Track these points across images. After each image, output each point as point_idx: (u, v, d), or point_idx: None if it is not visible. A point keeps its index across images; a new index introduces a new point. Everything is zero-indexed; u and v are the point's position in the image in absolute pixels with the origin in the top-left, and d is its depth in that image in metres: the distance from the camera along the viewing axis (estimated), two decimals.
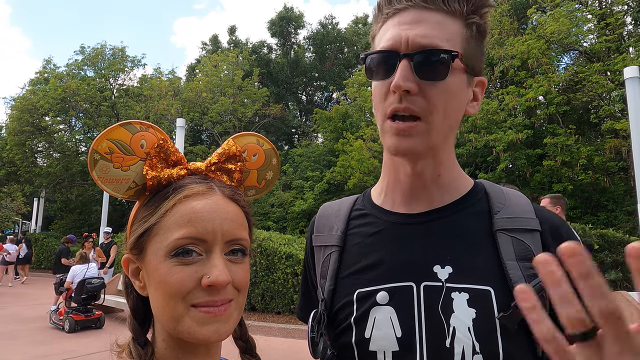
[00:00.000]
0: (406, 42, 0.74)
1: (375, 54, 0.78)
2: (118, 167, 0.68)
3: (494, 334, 0.70)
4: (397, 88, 0.72)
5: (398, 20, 0.76)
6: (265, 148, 0.82)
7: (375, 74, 0.78)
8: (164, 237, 0.64)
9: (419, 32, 0.74)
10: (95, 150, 0.66)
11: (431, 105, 0.73)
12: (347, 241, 0.87)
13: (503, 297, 0.71)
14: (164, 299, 0.64)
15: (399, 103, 0.73)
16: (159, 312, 0.66)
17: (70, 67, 21.33)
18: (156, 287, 0.65)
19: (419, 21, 0.75)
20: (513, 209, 0.79)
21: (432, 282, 0.75)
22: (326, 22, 27.79)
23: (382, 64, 0.77)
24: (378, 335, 0.75)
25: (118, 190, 0.70)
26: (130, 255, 0.69)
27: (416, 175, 0.81)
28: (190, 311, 0.63)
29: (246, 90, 19.67)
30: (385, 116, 0.76)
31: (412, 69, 0.73)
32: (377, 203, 0.89)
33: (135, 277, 0.70)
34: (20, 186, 21.19)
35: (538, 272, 0.40)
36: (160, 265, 0.64)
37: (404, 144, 0.75)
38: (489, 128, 12.48)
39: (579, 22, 12.61)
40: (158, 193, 0.69)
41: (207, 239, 0.64)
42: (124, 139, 0.68)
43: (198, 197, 0.67)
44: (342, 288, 0.83)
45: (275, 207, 16.46)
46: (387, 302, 0.76)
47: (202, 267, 0.64)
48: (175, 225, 0.64)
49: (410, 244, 0.80)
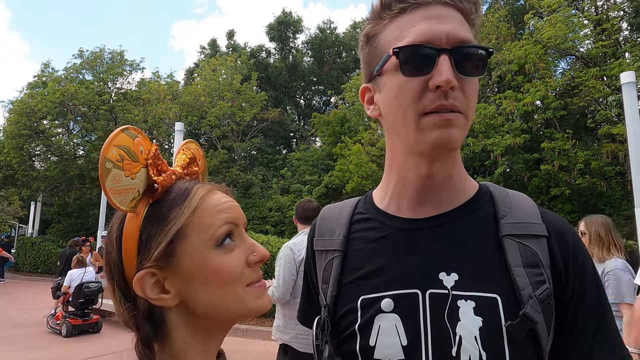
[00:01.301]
0: (445, 37, 0.70)
1: (412, 47, 0.71)
2: (128, 175, 0.66)
3: (501, 342, 0.69)
4: (447, 84, 0.68)
5: (423, 16, 0.72)
6: (202, 154, 0.86)
7: (409, 70, 0.71)
8: (203, 232, 0.67)
9: (454, 27, 0.71)
10: (107, 159, 0.63)
11: (469, 100, 0.72)
12: (349, 246, 0.85)
13: (510, 305, 0.70)
14: (223, 286, 0.67)
15: (444, 100, 0.69)
16: (217, 302, 0.67)
17: (69, 70, 21.30)
18: (209, 282, 0.66)
19: (447, 17, 0.72)
20: (519, 213, 0.78)
21: (438, 290, 0.73)
22: (324, 26, 27.90)
23: (418, 59, 0.71)
24: (383, 343, 0.74)
25: (124, 202, 0.66)
26: (154, 269, 0.66)
27: (430, 177, 0.79)
28: (247, 291, 0.69)
29: (244, 94, 19.68)
30: (421, 114, 0.71)
31: (452, 64, 0.70)
32: (381, 207, 0.87)
33: (159, 292, 0.67)
34: (17, 190, 21.10)
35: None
36: (210, 259, 0.66)
37: (447, 134, 0.70)
38: (486, 132, 12.52)
39: (575, 28, 12.68)
40: (163, 199, 0.69)
41: (239, 223, 0.71)
42: (128, 144, 0.67)
43: (213, 192, 0.72)
44: (345, 294, 0.81)
45: (273, 211, 16.44)
46: (392, 309, 0.75)
47: (242, 249, 0.70)
48: (210, 217, 0.68)
49: (416, 250, 0.78)
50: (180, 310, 0.68)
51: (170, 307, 0.68)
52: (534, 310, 0.68)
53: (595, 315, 0.74)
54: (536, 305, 0.69)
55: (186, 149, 0.81)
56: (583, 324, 0.73)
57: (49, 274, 17.44)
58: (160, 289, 0.67)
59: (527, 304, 0.69)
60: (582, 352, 0.73)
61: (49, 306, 9.11)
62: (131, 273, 0.67)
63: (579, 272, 0.74)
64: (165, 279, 0.67)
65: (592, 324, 0.73)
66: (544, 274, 0.72)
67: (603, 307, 0.75)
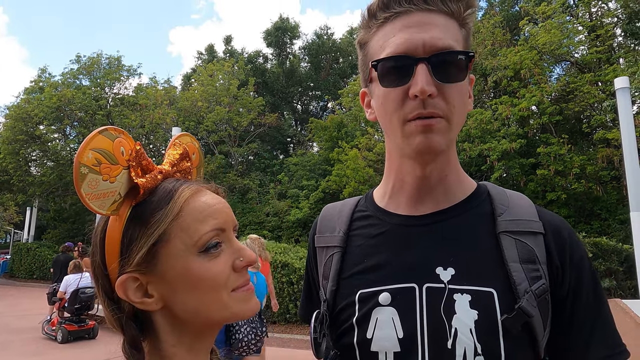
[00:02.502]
0: (422, 45, 0.72)
1: (389, 60, 0.74)
2: (107, 179, 0.63)
3: (496, 335, 0.70)
4: (422, 93, 0.70)
5: (403, 24, 0.74)
6: (197, 147, 0.85)
7: (389, 81, 0.75)
8: (187, 237, 0.64)
9: (434, 35, 0.73)
10: (82, 164, 0.60)
11: (451, 106, 0.74)
12: (349, 242, 0.88)
13: (506, 299, 0.71)
14: (207, 294, 0.65)
15: (422, 108, 0.72)
16: (200, 309, 0.66)
17: (66, 76, 21.30)
18: (192, 287, 0.64)
19: (427, 23, 0.74)
20: (516, 211, 0.79)
21: (435, 284, 0.75)
22: (321, 32, 28.02)
23: (396, 70, 0.74)
24: (380, 335, 0.75)
25: (103, 206, 0.63)
26: (135, 274, 0.64)
27: (425, 177, 0.81)
28: (232, 296, 0.67)
29: (242, 100, 19.71)
30: (405, 121, 0.75)
31: (430, 72, 0.72)
32: (381, 205, 0.89)
33: (142, 296, 0.65)
34: (13, 195, 20.99)
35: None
36: (193, 264, 0.64)
37: (429, 140, 0.73)
38: (483, 137, 12.58)
39: (570, 34, 12.81)
40: (147, 201, 0.66)
41: (225, 228, 0.68)
42: (107, 147, 0.63)
43: (200, 193, 0.69)
44: (344, 289, 0.83)
45: (270, 216, 16.41)
46: (389, 303, 0.76)
47: (228, 254, 0.67)
48: (195, 222, 0.65)
49: (414, 245, 0.80)
50: (165, 314, 0.67)
51: (155, 310, 0.67)
52: (529, 304, 0.70)
53: (593, 311, 0.75)
54: (532, 299, 0.71)
55: (178, 143, 0.78)
56: (581, 319, 0.74)
57: (44, 279, 17.33)
58: (143, 293, 0.66)
59: (523, 298, 0.70)
60: (580, 348, 0.74)
61: (44, 312, 9.04)
62: (114, 276, 0.65)
63: (575, 269, 0.76)
64: (148, 283, 0.65)
65: (589, 320, 0.74)
66: (541, 270, 0.74)
67: (600, 303, 0.76)
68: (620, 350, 0.73)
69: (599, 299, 0.76)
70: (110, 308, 0.67)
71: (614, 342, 0.74)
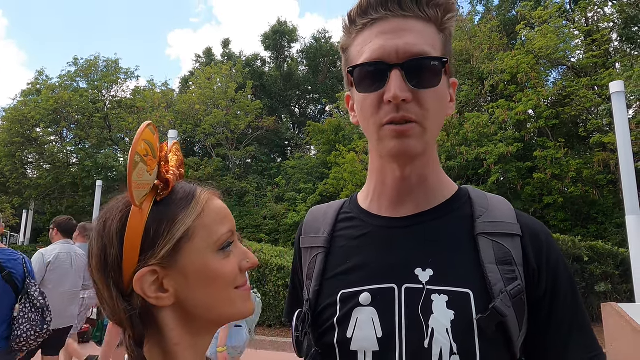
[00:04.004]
0: (395, 52, 0.74)
1: (364, 66, 0.77)
2: (149, 171, 0.66)
3: (472, 335, 0.71)
4: (395, 99, 0.72)
5: (379, 30, 0.76)
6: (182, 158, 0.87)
7: (365, 87, 0.77)
8: (208, 235, 0.69)
9: (408, 41, 0.74)
10: (137, 152, 0.64)
11: (425, 110, 0.75)
12: (333, 243, 0.89)
13: (482, 300, 0.73)
14: (220, 290, 0.70)
15: (395, 112, 0.74)
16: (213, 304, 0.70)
17: (63, 78, 21.25)
18: (208, 284, 0.69)
19: (402, 30, 0.75)
20: (495, 213, 0.81)
21: (413, 285, 0.76)
22: (319, 36, 28.11)
23: (371, 76, 0.76)
24: (359, 335, 0.77)
25: (139, 197, 0.65)
26: (157, 267, 0.66)
27: (404, 179, 0.83)
28: (237, 293, 0.72)
29: (239, 103, 19.71)
30: (380, 125, 0.76)
31: (404, 78, 0.73)
32: (364, 207, 0.91)
33: (158, 291, 0.66)
34: (9, 198, 20.89)
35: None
36: (211, 261, 0.69)
37: (404, 145, 0.75)
38: (480, 141, 12.61)
39: (566, 38, 12.88)
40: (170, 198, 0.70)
41: (234, 230, 0.75)
42: (152, 140, 0.68)
43: (214, 197, 0.75)
44: (327, 289, 0.85)
45: (267, 219, 16.38)
46: (369, 303, 0.78)
47: (236, 255, 0.73)
48: (215, 222, 0.71)
49: (394, 246, 0.82)
50: (174, 309, 0.69)
51: (166, 306, 0.68)
52: (503, 305, 0.71)
53: (570, 313, 0.76)
54: (506, 300, 0.72)
55: (176, 150, 0.80)
56: (558, 321, 0.76)
57: None
58: (158, 288, 0.67)
59: (498, 299, 0.72)
60: (557, 349, 0.75)
61: None
62: (129, 270, 0.65)
63: (552, 271, 0.77)
64: (165, 277, 0.67)
65: (566, 322, 0.76)
66: (517, 271, 0.75)
67: (577, 305, 0.77)
68: (596, 354, 0.75)
69: (576, 302, 0.77)
70: (120, 303, 0.66)
71: (593, 345, 0.75)
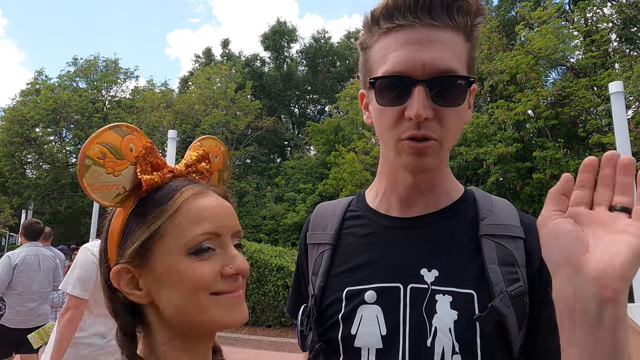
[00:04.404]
0: (422, 67, 0.71)
1: (387, 79, 0.74)
2: (110, 173, 0.66)
3: (474, 335, 0.72)
4: (417, 117, 0.70)
5: (405, 39, 0.73)
6: (222, 150, 0.86)
7: (387, 99, 0.75)
8: (179, 236, 0.65)
9: (435, 55, 0.71)
10: (87, 155, 0.64)
11: (445, 129, 0.74)
12: (340, 240, 0.90)
13: (485, 301, 0.74)
14: (187, 294, 0.65)
15: (416, 130, 0.73)
16: (180, 309, 0.66)
17: (62, 78, 21.25)
18: (176, 285, 0.65)
19: (430, 41, 0.72)
20: (499, 216, 0.82)
21: (419, 284, 0.77)
22: (319, 36, 28.09)
23: (394, 90, 0.73)
24: (364, 332, 0.78)
25: (106, 197, 0.67)
26: (128, 265, 0.67)
27: (415, 185, 0.84)
28: (212, 300, 0.66)
29: (239, 103, 19.70)
30: (398, 139, 0.75)
31: (427, 95, 0.71)
32: (372, 206, 0.92)
33: (132, 288, 0.68)
34: (8, 198, 20.87)
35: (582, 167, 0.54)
36: (180, 264, 0.65)
37: (421, 163, 0.76)
38: (479, 141, 12.62)
39: (565, 39, 12.89)
40: (150, 197, 0.69)
41: (221, 233, 0.68)
42: (115, 142, 0.67)
43: (202, 195, 0.69)
44: (333, 285, 0.86)
45: (267, 219, 16.38)
46: (374, 300, 0.79)
47: (219, 259, 0.67)
48: (189, 223, 0.66)
49: (401, 247, 0.82)
50: (154, 310, 0.69)
51: (146, 305, 0.69)
52: (502, 304, 0.72)
53: None
54: (506, 300, 0.73)
55: (198, 146, 0.80)
56: None
57: None
58: (134, 285, 0.68)
59: (497, 298, 0.72)
60: None
61: None
62: (112, 265, 0.69)
63: None
64: (140, 276, 0.68)
65: None
66: (519, 272, 0.76)
67: None
68: None
69: None
70: (107, 295, 0.71)
71: None
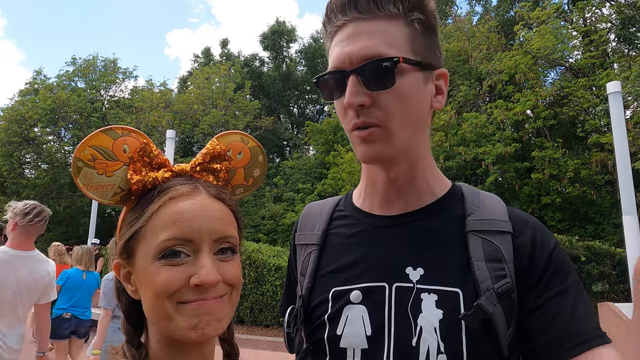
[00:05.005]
0: (349, 58, 0.75)
1: (325, 76, 0.79)
2: (102, 174, 0.69)
3: (459, 334, 0.71)
4: (349, 106, 0.74)
5: (339, 39, 0.78)
6: (250, 146, 0.83)
7: (331, 95, 0.80)
8: (151, 240, 0.64)
9: (360, 45, 0.74)
10: (78, 158, 0.67)
11: (386, 113, 0.74)
12: (327, 241, 0.90)
13: (471, 299, 0.72)
14: (152, 299, 0.64)
15: (356, 118, 0.75)
16: (149, 313, 0.67)
17: (61, 78, 21.21)
18: (145, 289, 0.65)
19: (357, 34, 0.75)
20: (486, 211, 0.80)
21: (404, 283, 0.76)
22: (318, 36, 28.05)
23: (333, 84, 0.78)
24: (349, 332, 0.77)
25: (104, 196, 0.70)
26: (120, 259, 0.70)
27: (390, 181, 0.83)
28: (179, 308, 0.63)
29: (238, 103, 19.68)
30: (349, 131, 0.79)
31: (360, 82, 0.74)
32: (357, 205, 0.91)
33: (127, 281, 0.70)
34: (6, 198, 20.83)
35: None
36: (149, 268, 0.64)
37: (369, 150, 0.77)
38: (478, 141, 12.63)
39: (564, 39, 12.91)
40: (144, 197, 0.69)
41: (193, 239, 0.64)
42: (105, 145, 0.69)
43: (183, 198, 0.66)
44: (320, 286, 0.85)
45: (266, 219, 16.38)
46: (360, 300, 0.78)
47: (190, 267, 0.63)
48: (160, 227, 0.64)
49: (386, 245, 0.82)
50: None
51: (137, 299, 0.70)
52: (488, 302, 0.70)
53: None
54: (492, 297, 0.71)
55: (214, 144, 0.76)
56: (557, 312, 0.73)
57: None
58: (128, 280, 0.71)
59: (483, 296, 0.71)
60: None
61: None
62: None
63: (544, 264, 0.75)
64: (130, 272, 0.70)
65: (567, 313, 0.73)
66: (506, 268, 0.74)
67: None
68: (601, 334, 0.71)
69: None
70: (115, 284, 0.76)
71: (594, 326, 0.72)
